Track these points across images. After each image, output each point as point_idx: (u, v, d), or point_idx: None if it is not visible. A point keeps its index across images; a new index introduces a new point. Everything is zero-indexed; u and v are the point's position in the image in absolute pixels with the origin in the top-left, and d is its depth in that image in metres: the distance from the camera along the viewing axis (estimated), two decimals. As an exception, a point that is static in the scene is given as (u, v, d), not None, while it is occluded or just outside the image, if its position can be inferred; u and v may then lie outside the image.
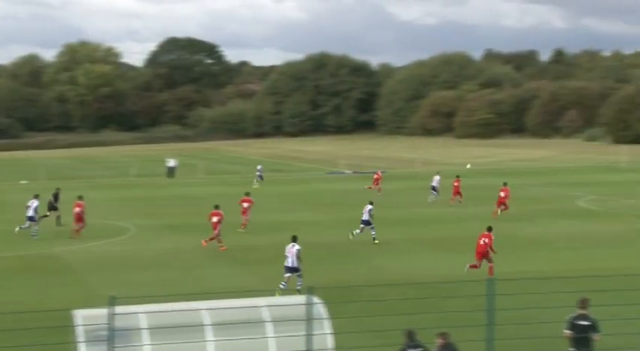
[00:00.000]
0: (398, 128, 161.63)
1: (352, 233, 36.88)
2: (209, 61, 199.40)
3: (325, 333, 16.15)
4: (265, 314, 16.22)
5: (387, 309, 21.82)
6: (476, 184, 65.84)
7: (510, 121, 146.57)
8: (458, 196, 50.86)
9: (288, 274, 26.60)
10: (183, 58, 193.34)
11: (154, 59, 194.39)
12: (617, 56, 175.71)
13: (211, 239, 35.48)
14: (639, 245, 35.07)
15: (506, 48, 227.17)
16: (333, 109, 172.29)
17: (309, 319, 15.02)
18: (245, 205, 41.32)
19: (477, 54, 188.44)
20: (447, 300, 22.26)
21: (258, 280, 28.62)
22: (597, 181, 62.88)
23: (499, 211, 44.53)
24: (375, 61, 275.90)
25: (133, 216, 47.06)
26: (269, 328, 16.09)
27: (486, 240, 28.92)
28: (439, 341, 15.42)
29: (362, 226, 36.77)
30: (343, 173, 79.49)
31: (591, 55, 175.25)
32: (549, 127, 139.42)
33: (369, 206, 37.26)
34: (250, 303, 16.71)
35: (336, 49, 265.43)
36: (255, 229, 40.68)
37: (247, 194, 42.68)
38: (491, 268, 28.49)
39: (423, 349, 15.40)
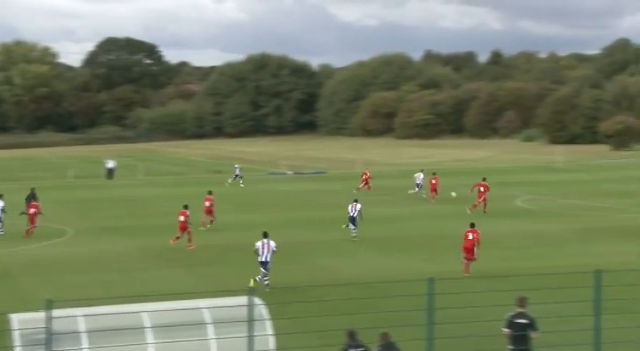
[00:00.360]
0: (339, 129, 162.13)
1: (352, 235, 37.29)
2: (148, 61, 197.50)
3: (267, 334, 16.10)
4: (206, 316, 16.10)
5: (330, 309, 21.86)
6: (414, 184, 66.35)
7: (450, 122, 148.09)
8: (434, 193, 52.75)
9: (262, 269, 27.17)
10: (122, 59, 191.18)
11: (91, 59, 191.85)
12: (553, 58, 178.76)
13: (177, 238, 35.63)
14: (575, 244, 35.68)
15: (445, 49, 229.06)
16: (273, 110, 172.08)
17: (251, 320, 14.96)
18: (207, 203, 41.75)
19: (417, 55, 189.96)
20: (388, 300, 22.36)
21: (199, 281, 28.42)
22: (534, 180, 63.85)
23: (478, 205, 46.25)
24: (315, 61, 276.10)
25: (71, 218, 46.37)
26: (210, 330, 15.99)
27: (473, 235, 29.36)
28: (380, 341, 15.49)
29: (353, 223, 37.67)
30: (285, 174, 79.44)
31: (528, 57, 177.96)
32: (488, 127, 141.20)
33: (357, 205, 38.14)
34: (191, 305, 16.57)
35: (276, 49, 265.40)
36: (195, 230, 40.39)
37: (210, 193, 43.02)
38: (467, 265, 28.92)
39: (364, 348, 15.44)
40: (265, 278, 27.05)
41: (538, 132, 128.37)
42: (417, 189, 55.49)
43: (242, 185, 66.00)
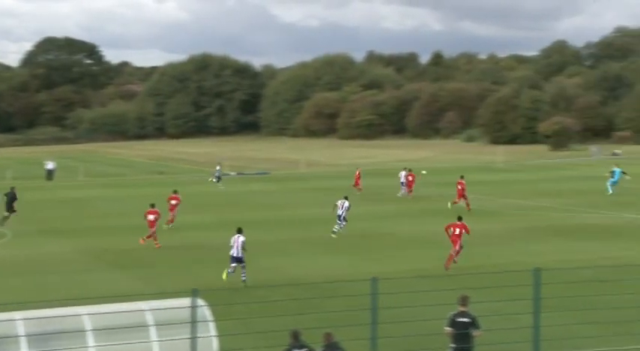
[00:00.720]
0: (282, 129, 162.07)
1: (333, 230, 38.22)
2: (88, 61, 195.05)
3: (210, 335, 16.02)
4: (149, 318, 15.96)
5: (274, 310, 21.84)
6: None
7: (392, 122, 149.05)
8: (408, 189, 54.78)
9: (233, 264, 27.96)
10: (62, 58, 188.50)
11: (30, 59, 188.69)
12: (493, 59, 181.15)
13: (148, 237, 35.93)
14: (515, 243, 36.18)
15: (387, 50, 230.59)
16: (216, 111, 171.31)
17: (194, 321, 14.87)
18: (173, 202, 42.48)
19: (359, 56, 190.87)
20: (332, 300, 22.42)
21: (140, 283, 28.15)
22: (475, 180, 64.42)
23: (459, 202, 47.35)
24: (258, 62, 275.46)
25: (10, 220, 45.55)
26: (153, 332, 15.85)
27: (459, 229, 30.31)
28: (324, 341, 15.52)
29: (339, 222, 38.57)
30: (228, 175, 79.13)
31: (468, 58, 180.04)
32: (429, 128, 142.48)
33: (346, 202, 38.89)
34: (133, 307, 16.42)
35: (218, 50, 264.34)
36: (137, 231, 40.03)
37: (175, 192, 43.70)
38: (450, 258, 29.94)
39: (307, 349, 15.47)
40: (243, 274, 27.79)
41: (479, 132, 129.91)
42: (403, 187, 55.92)
43: (221, 187, 65.15)
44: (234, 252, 28.10)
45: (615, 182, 55.22)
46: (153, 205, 37.12)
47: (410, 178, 55.17)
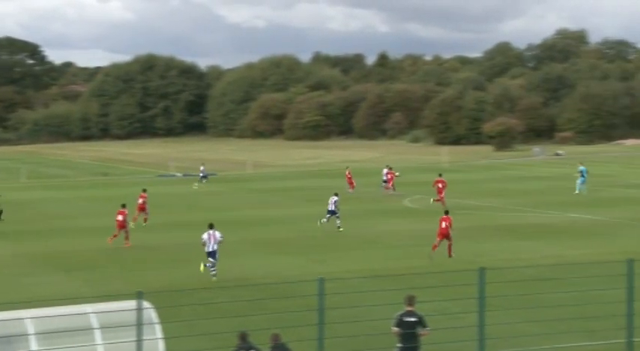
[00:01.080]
0: (228, 130, 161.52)
1: (320, 221, 39.94)
2: (31, 61, 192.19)
3: (156, 338, 15.88)
4: (93, 321, 15.76)
5: (220, 311, 21.73)
6: (306, 185, 66.73)
7: (339, 123, 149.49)
8: (389, 185, 56.92)
9: (211, 259, 28.49)
10: (3, 58, 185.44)
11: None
12: (438, 60, 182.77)
13: (115, 236, 36.13)
14: (460, 242, 36.45)
15: (333, 51, 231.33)
16: (162, 112, 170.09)
17: (140, 324, 14.72)
18: (140, 201, 43.13)
19: (306, 57, 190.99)
20: (279, 301, 22.39)
21: (86, 286, 27.79)
22: (421, 181, 64.78)
23: (441, 199, 48.20)
24: (204, 63, 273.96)
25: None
26: (97, 335, 15.65)
27: (446, 223, 32.00)
28: (271, 342, 15.49)
29: (328, 215, 40.13)
30: (174, 176, 78.58)
31: (413, 59, 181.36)
32: (376, 128, 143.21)
33: (335, 197, 40.64)
34: (77, 310, 16.19)
35: (164, 50, 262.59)
36: (81, 233, 39.58)
37: (144, 191, 44.44)
38: (450, 247, 31.81)
39: (255, 350, 15.42)
40: (212, 269, 28.28)
41: (424, 133, 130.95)
42: (386, 185, 57.66)
43: (195, 187, 64.88)
44: (209, 247, 28.62)
45: (584, 181, 56.19)
46: (124, 206, 37.20)
47: (389, 175, 57.28)
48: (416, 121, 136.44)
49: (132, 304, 15.15)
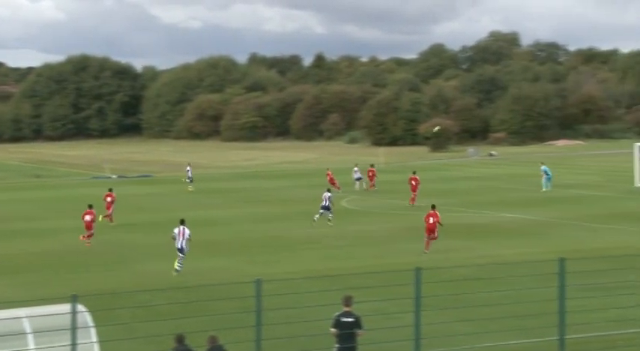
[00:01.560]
0: (164, 132, 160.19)
1: (314, 219, 41.36)
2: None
3: (91, 342, 15.69)
4: (26, 325, 15.51)
5: (157, 314, 21.57)
6: (243, 186, 66.55)
7: (276, 125, 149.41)
8: (371, 182, 59.71)
9: (180, 254, 29.52)
10: None
11: None
12: (374, 62, 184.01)
13: (89, 236, 36.62)
14: (397, 243, 36.75)
15: (269, 52, 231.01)
16: (96, 113, 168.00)
17: (74, 328, 14.54)
18: (108, 199, 44.11)
19: (242, 58, 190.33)
20: (217, 302, 22.31)
21: (20, 290, 27.28)
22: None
23: (415, 197, 50.05)
24: (139, 63, 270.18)
25: None
26: (30, 340, 15.40)
27: (433, 218, 33.39)
28: (208, 344, 15.44)
29: (321, 211, 41.71)
30: (109, 178, 77.68)
31: (350, 61, 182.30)
32: (313, 129, 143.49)
33: (328, 194, 42.52)
34: (9, 314, 15.92)
35: (97, 50, 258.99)
36: (14, 236, 38.87)
37: (110, 190, 45.45)
38: (427, 243, 33.03)
39: (192, 352, 15.36)
40: (179, 264, 29.23)
41: (361, 134, 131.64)
42: (357, 183, 60.65)
43: (191, 188, 63.48)
44: (178, 244, 29.50)
45: (550, 179, 57.79)
46: (90, 206, 37.64)
47: (370, 173, 60.15)
48: (353, 122, 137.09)
49: (66, 307, 14.95)
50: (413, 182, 51.35)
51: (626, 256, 29.37)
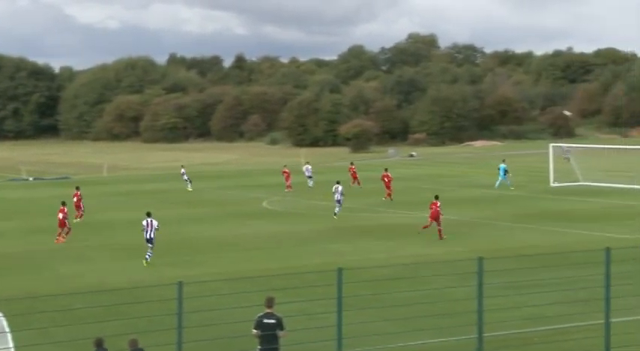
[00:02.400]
0: (83, 133, 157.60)
1: (335, 214, 43.58)
2: None
3: (7, 347, 15.42)
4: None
5: (76, 318, 21.27)
6: (163, 188, 65.95)
7: (196, 126, 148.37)
8: (355, 180, 61.26)
9: (149, 244, 30.96)
10: None
11: None
12: (294, 63, 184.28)
13: (67, 234, 37.15)
14: (319, 243, 36.89)
15: (189, 53, 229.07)
16: (11, 114, 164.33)
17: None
18: (75, 199, 45.49)
19: (162, 58, 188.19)
20: (137, 305, 22.10)
21: None
22: (279, 183, 65.29)
23: (391, 193, 52.43)
24: (55, 64, 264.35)
25: None
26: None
27: (436, 207, 36.31)
28: (129, 347, 15.32)
29: (338, 204, 44.14)
30: (26, 180, 76.12)
31: (271, 62, 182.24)
32: (234, 131, 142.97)
33: (340, 186, 44.68)
34: None
35: (12, 51, 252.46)
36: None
37: (77, 188, 46.89)
38: (440, 231, 36.26)
39: (113, 357, 15.22)
40: (148, 253, 30.70)
41: (282, 135, 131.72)
42: (310, 179, 62.37)
43: (190, 189, 63.14)
44: (147, 234, 30.80)
45: (506, 177, 59.64)
46: (63, 204, 38.25)
47: (351, 170, 61.95)
48: (274, 123, 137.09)
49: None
50: (385, 179, 53.31)
51: (540, 255, 30.15)
